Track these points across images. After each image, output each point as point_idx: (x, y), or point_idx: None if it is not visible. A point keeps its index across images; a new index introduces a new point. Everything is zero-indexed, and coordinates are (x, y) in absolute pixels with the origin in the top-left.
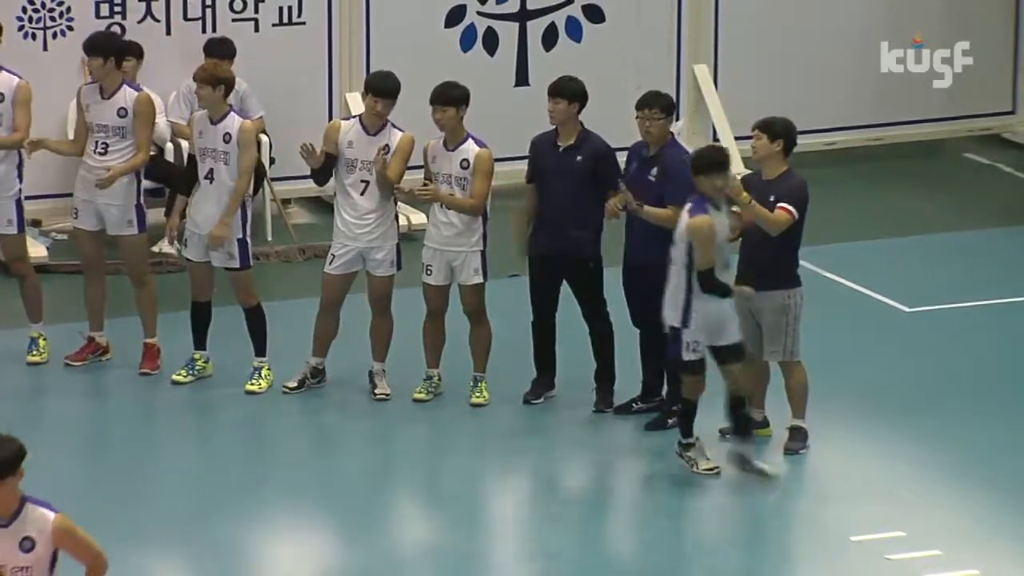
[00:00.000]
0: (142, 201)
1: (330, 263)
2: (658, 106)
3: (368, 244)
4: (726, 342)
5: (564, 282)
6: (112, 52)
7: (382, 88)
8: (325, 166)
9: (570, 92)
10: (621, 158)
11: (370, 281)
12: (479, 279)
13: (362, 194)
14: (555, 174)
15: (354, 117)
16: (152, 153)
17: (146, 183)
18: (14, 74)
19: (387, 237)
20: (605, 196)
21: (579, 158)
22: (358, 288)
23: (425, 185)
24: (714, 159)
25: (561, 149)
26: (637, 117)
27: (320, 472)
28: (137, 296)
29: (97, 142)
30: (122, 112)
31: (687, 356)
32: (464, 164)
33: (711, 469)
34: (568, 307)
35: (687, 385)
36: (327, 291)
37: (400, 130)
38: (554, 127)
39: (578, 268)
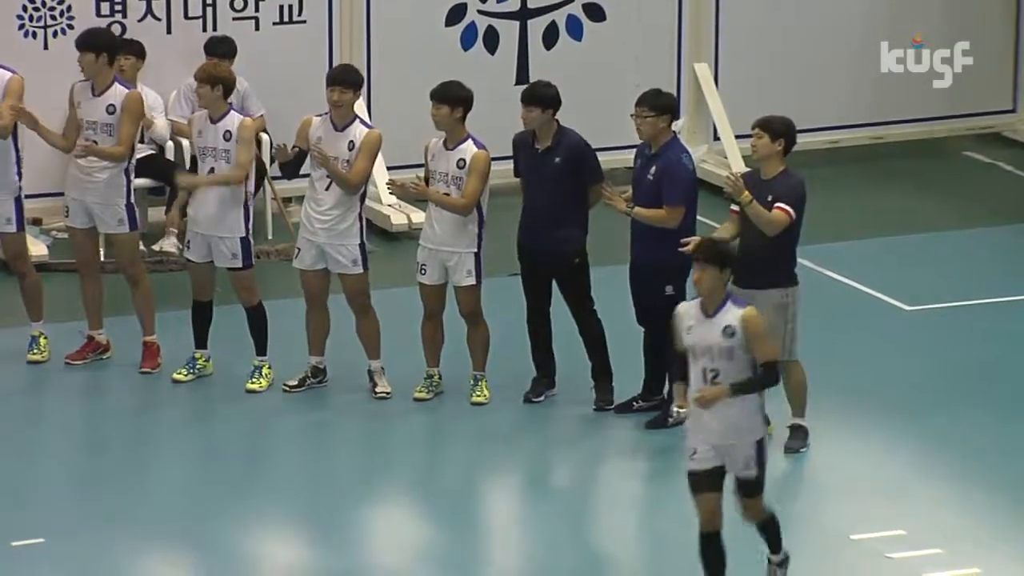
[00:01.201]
0: (132, 200)
1: (296, 256)
2: (647, 104)
3: (327, 241)
4: (735, 471)
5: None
6: (104, 48)
7: (336, 77)
8: (296, 160)
9: (545, 99)
10: (614, 157)
11: (341, 282)
12: (472, 280)
13: (327, 189)
14: (534, 175)
15: (326, 113)
16: (152, 151)
17: (147, 181)
18: (8, 69)
19: (347, 236)
20: (587, 192)
21: (557, 160)
22: None
23: (418, 180)
24: (703, 250)
25: (539, 151)
26: (631, 115)
27: (320, 470)
28: (133, 295)
29: (87, 140)
30: (111, 109)
31: (688, 464)
32: (461, 164)
33: None
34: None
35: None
36: (305, 287)
37: (368, 126)
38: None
39: (562, 265)
